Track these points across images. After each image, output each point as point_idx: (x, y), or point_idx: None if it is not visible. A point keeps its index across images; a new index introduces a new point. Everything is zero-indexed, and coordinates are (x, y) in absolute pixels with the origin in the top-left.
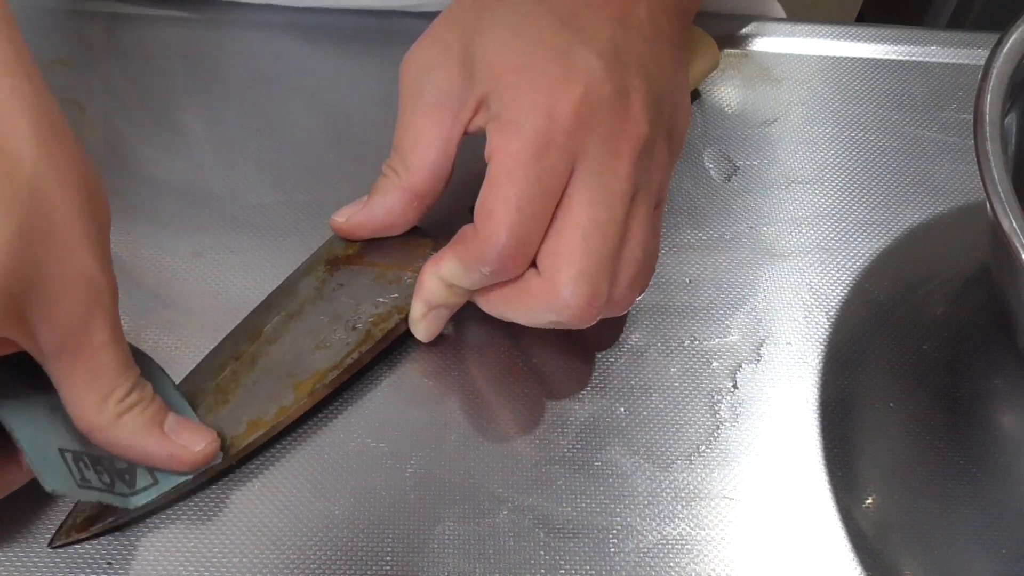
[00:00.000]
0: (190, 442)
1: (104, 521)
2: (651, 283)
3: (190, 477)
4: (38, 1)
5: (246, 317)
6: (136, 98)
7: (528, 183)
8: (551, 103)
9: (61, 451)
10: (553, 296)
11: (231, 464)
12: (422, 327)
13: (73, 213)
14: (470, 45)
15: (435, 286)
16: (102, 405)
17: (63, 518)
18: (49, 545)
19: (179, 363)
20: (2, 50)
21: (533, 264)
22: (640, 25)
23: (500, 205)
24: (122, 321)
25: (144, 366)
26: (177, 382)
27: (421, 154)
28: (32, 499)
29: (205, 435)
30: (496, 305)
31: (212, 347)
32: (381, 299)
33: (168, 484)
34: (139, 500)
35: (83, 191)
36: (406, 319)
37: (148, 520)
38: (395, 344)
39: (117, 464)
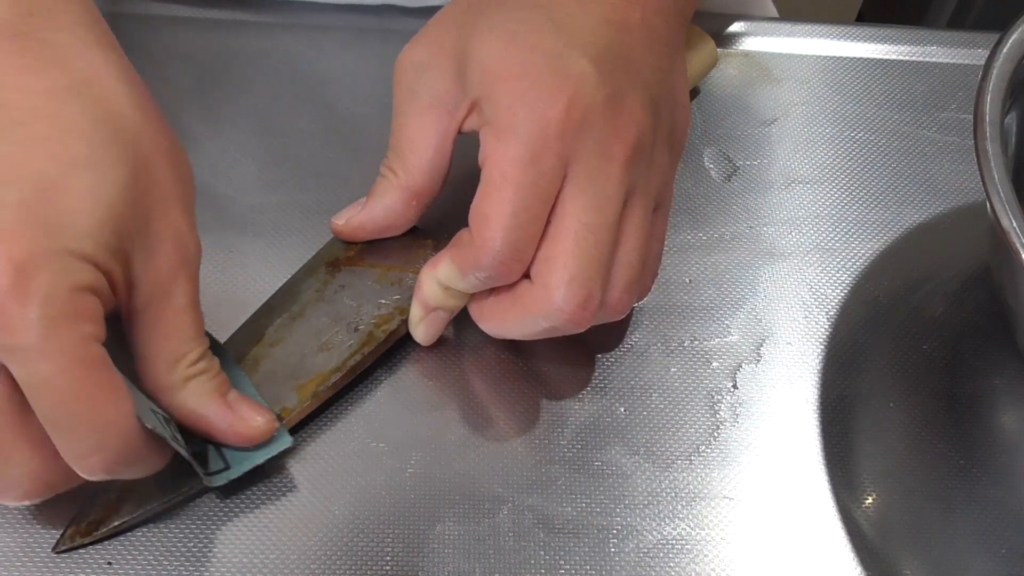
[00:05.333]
0: (249, 416)
1: (108, 526)
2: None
3: (261, 462)
4: None
5: (248, 319)
6: None
7: (522, 188)
8: (544, 109)
9: (153, 411)
10: (546, 301)
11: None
12: (421, 330)
13: (168, 174)
14: (464, 47)
15: (432, 289)
16: (174, 366)
17: (67, 523)
18: (53, 550)
19: None
20: (93, 28)
21: (527, 276)
22: (636, 28)
23: (494, 210)
24: None
25: (216, 350)
26: None
27: (419, 153)
28: (37, 505)
29: (264, 412)
30: (491, 318)
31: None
32: (383, 300)
33: (240, 469)
34: (216, 481)
35: (173, 157)
36: (408, 320)
37: (148, 520)
38: (396, 345)
39: (192, 446)
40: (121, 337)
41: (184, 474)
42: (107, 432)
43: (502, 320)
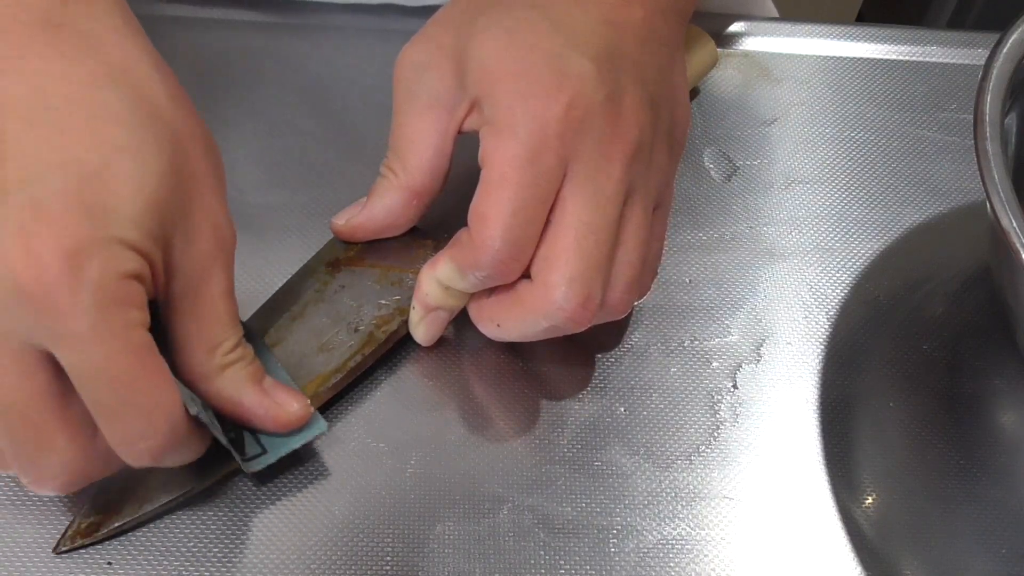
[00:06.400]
0: (285, 402)
1: (108, 527)
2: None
3: (297, 446)
4: None
5: (248, 320)
6: None
7: (522, 188)
8: (544, 108)
9: (192, 398)
10: (546, 300)
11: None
12: (421, 330)
13: (203, 162)
14: (464, 47)
15: (432, 289)
16: (210, 354)
17: (67, 524)
18: (54, 550)
19: None
20: (125, 18)
21: (526, 276)
22: (635, 28)
23: (494, 210)
24: None
25: (249, 336)
26: None
27: (419, 153)
28: (37, 505)
29: (299, 397)
30: (491, 319)
31: None
32: (383, 301)
33: (277, 453)
34: (253, 466)
35: (207, 144)
36: (408, 320)
37: (148, 521)
38: (396, 345)
39: (228, 432)
40: (155, 326)
41: (184, 475)
42: (156, 418)
43: (501, 318)
